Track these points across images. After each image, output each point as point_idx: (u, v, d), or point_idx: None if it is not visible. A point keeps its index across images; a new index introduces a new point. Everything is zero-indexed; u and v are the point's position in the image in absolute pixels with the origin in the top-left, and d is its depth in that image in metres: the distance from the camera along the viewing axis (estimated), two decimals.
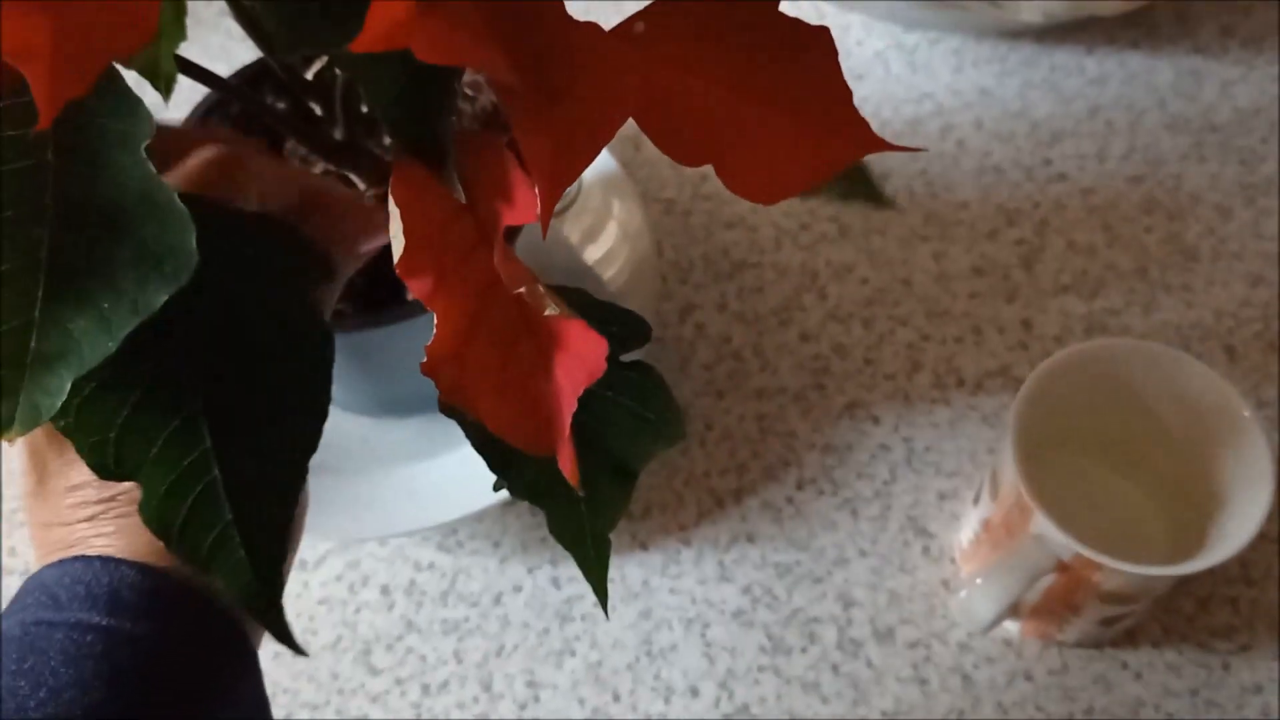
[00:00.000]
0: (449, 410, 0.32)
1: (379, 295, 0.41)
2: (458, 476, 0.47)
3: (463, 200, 0.27)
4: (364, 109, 0.42)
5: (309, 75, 0.38)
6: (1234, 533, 0.39)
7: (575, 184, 0.53)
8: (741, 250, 0.55)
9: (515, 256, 0.28)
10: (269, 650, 0.46)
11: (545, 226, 0.25)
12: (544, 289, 0.26)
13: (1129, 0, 0.52)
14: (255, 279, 0.31)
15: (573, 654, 0.46)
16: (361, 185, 0.42)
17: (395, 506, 0.47)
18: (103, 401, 0.30)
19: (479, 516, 0.49)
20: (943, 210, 0.56)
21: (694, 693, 0.45)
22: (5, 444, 0.26)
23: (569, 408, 0.27)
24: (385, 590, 0.47)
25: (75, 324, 0.26)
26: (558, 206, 0.54)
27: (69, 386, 0.25)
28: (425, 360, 0.27)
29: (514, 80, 0.23)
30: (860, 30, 0.63)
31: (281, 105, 0.43)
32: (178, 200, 0.26)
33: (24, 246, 0.26)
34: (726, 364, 0.52)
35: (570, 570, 0.48)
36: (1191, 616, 0.47)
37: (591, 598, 0.47)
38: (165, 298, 0.26)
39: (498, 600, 0.47)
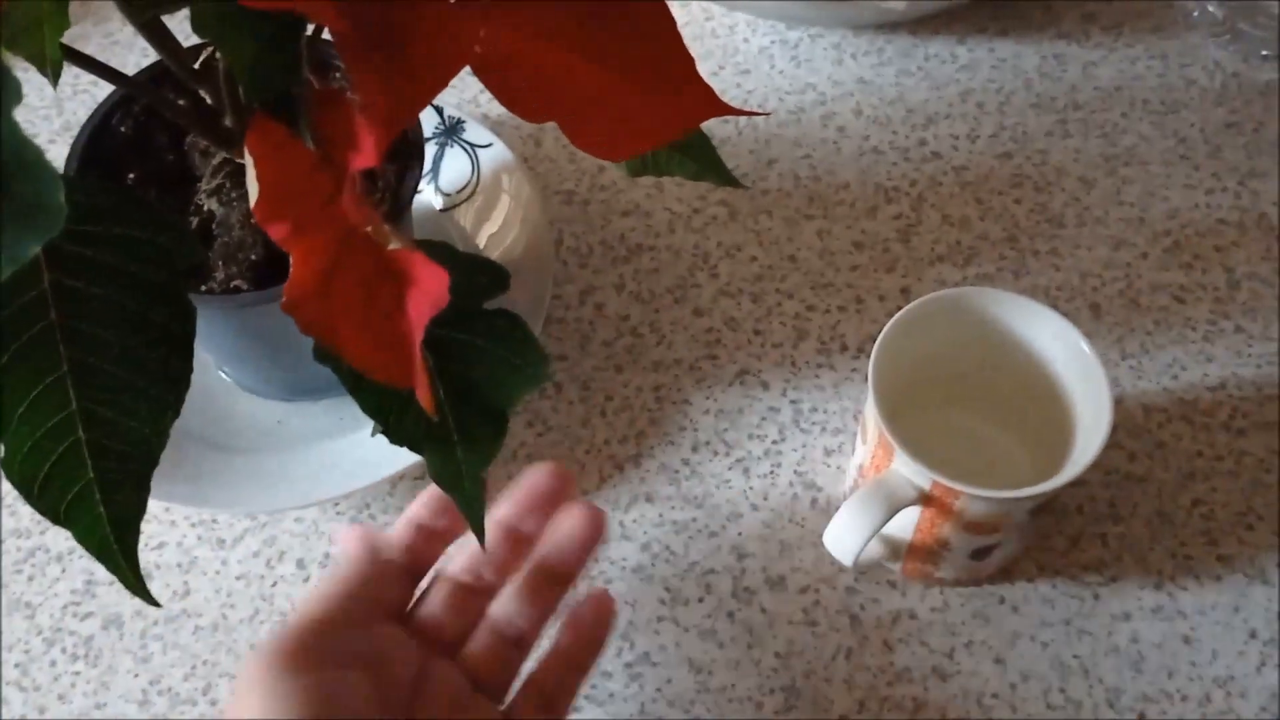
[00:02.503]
0: (322, 357, 0.34)
1: (276, 273, 0.44)
2: (367, 451, 0.50)
3: (313, 151, 0.29)
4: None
5: (196, 65, 0.41)
6: (1076, 460, 0.42)
7: (473, 174, 0.56)
8: (637, 235, 0.58)
9: (365, 201, 0.30)
10: (190, 624, 0.48)
11: (379, 158, 0.28)
12: (389, 229, 0.29)
13: None
14: (127, 253, 0.33)
15: None
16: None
17: (308, 481, 0.49)
18: None
19: (390, 489, 0.51)
20: (825, 191, 0.60)
21: None
22: None
23: (418, 336, 0.30)
24: (301, 564, 0.50)
25: None
26: (458, 195, 0.57)
27: None
28: (284, 300, 0.29)
29: (345, 28, 0.26)
30: (746, 29, 0.66)
31: (182, 102, 0.46)
32: (46, 159, 0.29)
33: None
34: (625, 340, 0.55)
35: None
36: (1064, 553, 0.50)
37: None
38: (37, 248, 0.28)
39: None
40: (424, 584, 0.40)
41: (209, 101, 0.42)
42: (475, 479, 0.36)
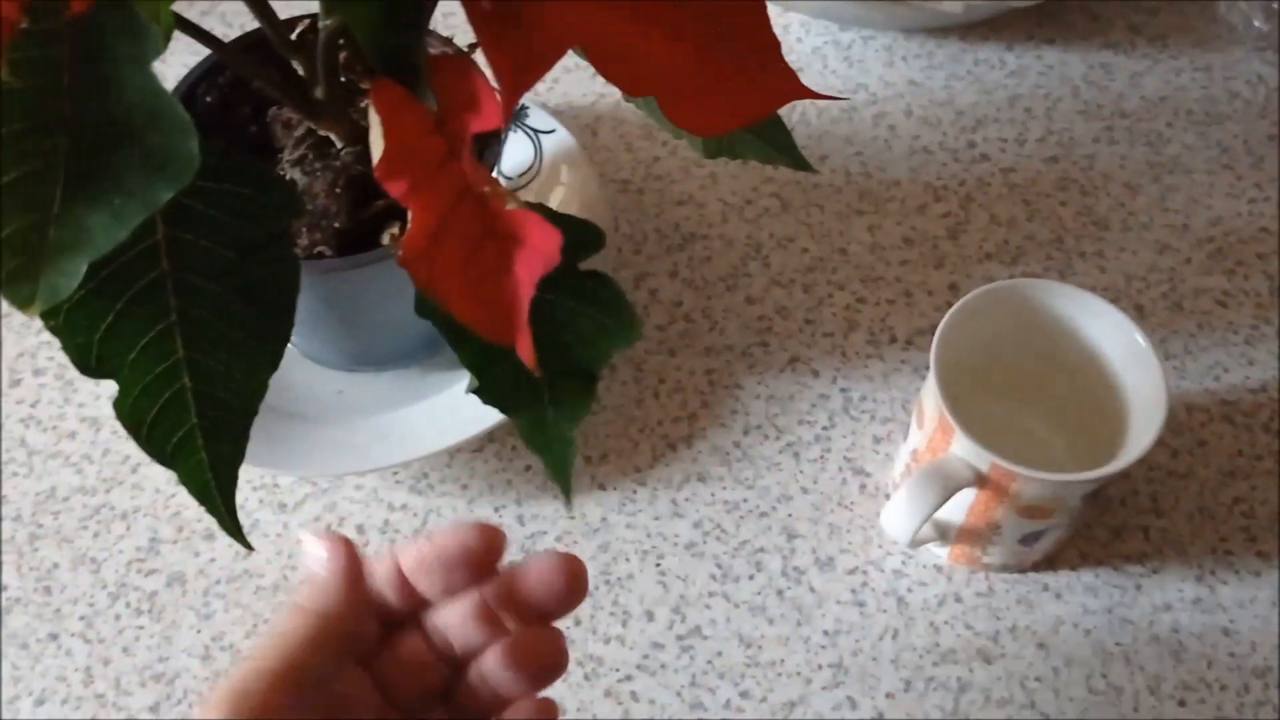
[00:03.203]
0: (424, 312, 0.36)
1: (357, 242, 0.45)
2: (428, 422, 0.51)
3: (435, 113, 0.31)
4: (341, 78, 0.46)
5: (293, 37, 0.42)
6: (1133, 446, 0.43)
7: (535, 159, 0.58)
8: (691, 224, 0.60)
9: (480, 163, 0.32)
10: (252, 584, 0.49)
11: (506, 120, 0.29)
12: (505, 188, 0.30)
13: None
14: (234, 208, 0.35)
15: None
16: (339, 143, 0.46)
17: (369, 448, 0.50)
18: (90, 306, 0.33)
19: (448, 460, 0.52)
20: (876, 188, 0.61)
21: (649, 616, 0.49)
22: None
23: (526, 294, 0.31)
24: (361, 529, 0.51)
25: (90, 219, 0.30)
26: (519, 179, 0.58)
27: (84, 270, 0.29)
28: (401, 254, 0.30)
29: (488, 3, 0.28)
30: (799, 29, 0.68)
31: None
32: (182, 110, 0.30)
33: (44, 152, 0.30)
34: (678, 325, 0.56)
35: (534, 508, 0.51)
36: (1106, 543, 0.51)
37: (554, 531, 0.51)
38: (170, 195, 0.30)
39: None
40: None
41: (300, 73, 0.43)
42: (564, 439, 0.37)
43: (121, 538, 0.50)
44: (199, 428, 0.34)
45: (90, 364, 0.32)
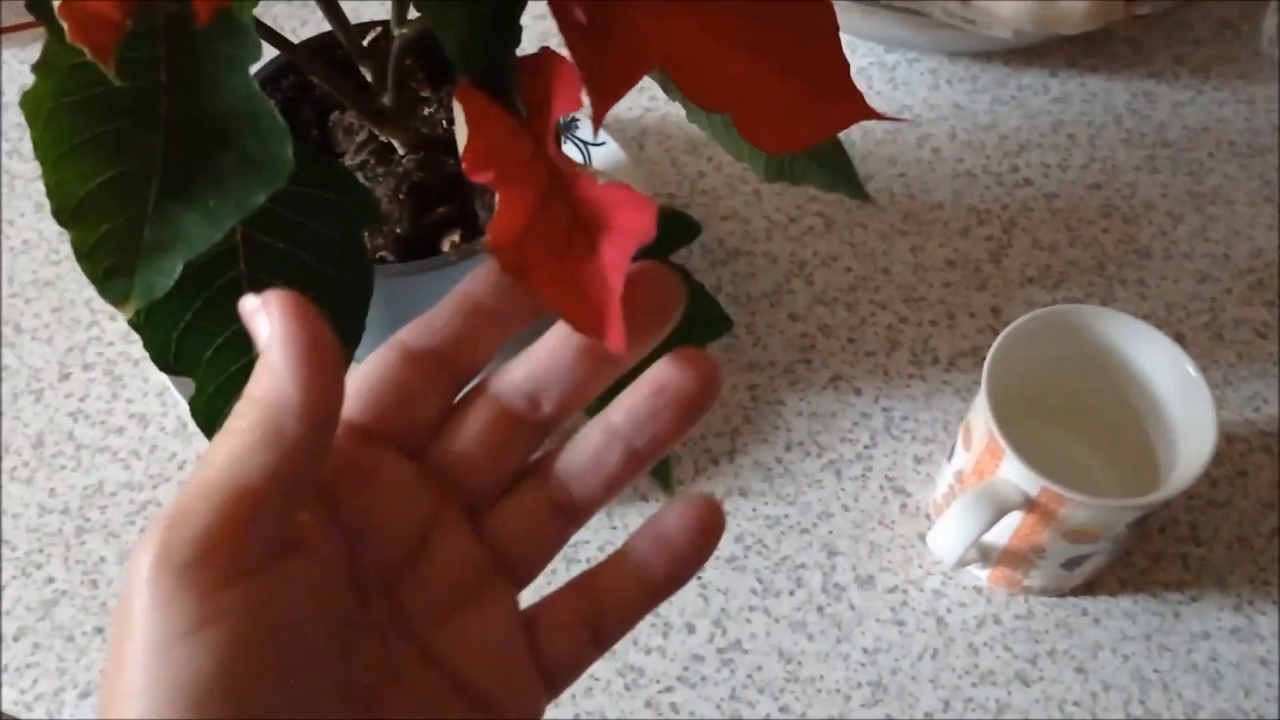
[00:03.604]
0: None
1: (417, 247, 0.45)
2: None
3: (523, 114, 0.31)
4: (422, 92, 0.47)
5: (365, 44, 0.43)
6: (1183, 473, 0.44)
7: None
8: (736, 240, 0.60)
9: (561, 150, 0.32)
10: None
11: (596, 128, 0.30)
12: (593, 170, 0.31)
13: (1091, 20, 0.58)
14: (313, 211, 0.35)
15: None
16: (401, 150, 0.46)
17: None
18: (170, 305, 0.34)
19: None
20: (919, 209, 0.62)
21: (690, 629, 0.49)
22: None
23: (619, 276, 0.31)
24: None
25: (185, 218, 0.30)
26: None
27: (180, 269, 0.30)
28: (488, 239, 0.31)
29: (579, 11, 0.28)
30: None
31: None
32: (278, 115, 0.30)
33: (140, 152, 0.30)
34: (722, 340, 0.57)
35: None
36: (1145, 570, 0.51)
37: (596, 542, 0.51)
38: (264, 198, 0.30)
39: None
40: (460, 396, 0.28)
41: (368, 79, 0.44)
42: None
43: None
44: None
45: (169, 361, 0.33)
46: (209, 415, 0.34)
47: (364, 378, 0.27)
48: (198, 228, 0.30)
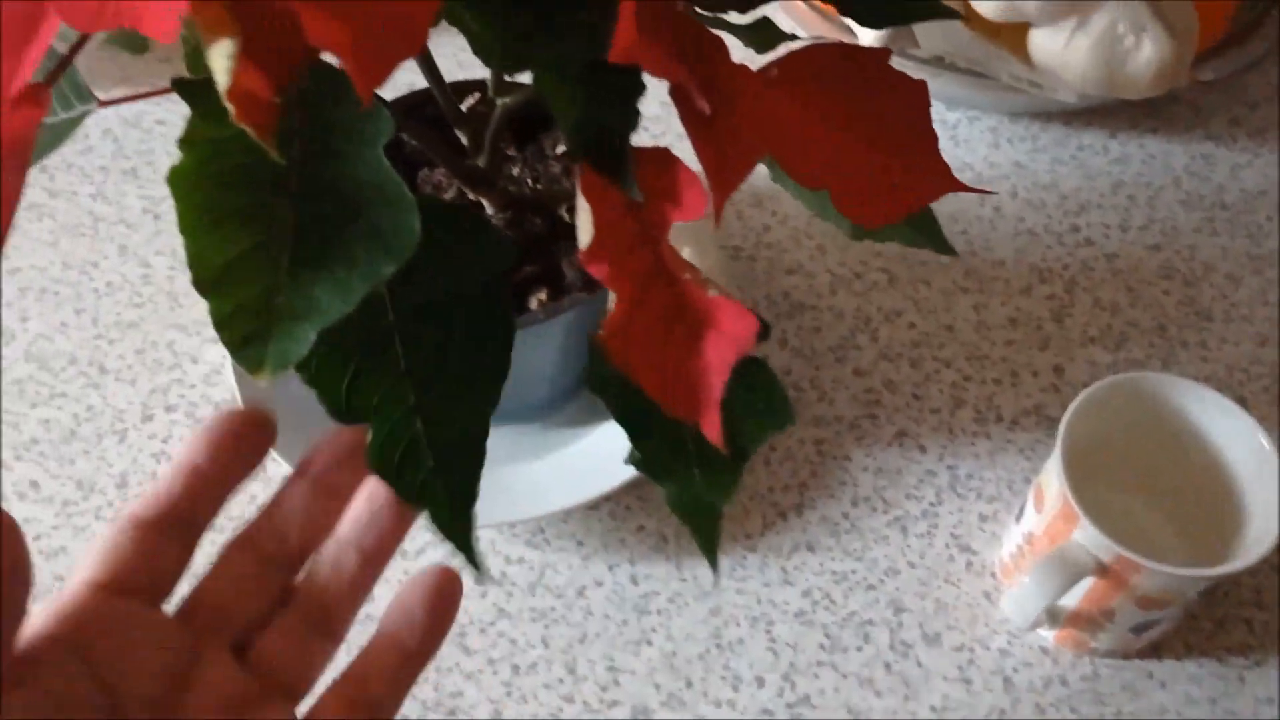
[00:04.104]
0: (596, 387, 0.37)
1: None
2: (550, 479, 0.52)
3: (638, 199, 0.32)
4: (508, 151, 0.48)
5: (463, 108, 0.44)
6: (1256, 543, 0.44)
7: None
8: (800, 293, 0.61)
9: (675, 249, 0.33)
10: (373, 629, 0.50)
11: (718, 219, 0.31)
12: (703, 275, 0.32)
13: (1157, 86, 0.59)
14: (453, 263, 0.36)
15: (649, 643, 0.50)
16: (490, 210, 0.48)
17: (490, 501, 0.51)
18: (334, 359, 0.35)
19: (564, 517, 0.54)
20: (981, 267, 0.63)
21: (760, 683, 0.50)
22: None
23: (720, 379, 0.32)
24: (478, 581, 0.52)
25: (316, 287, 0.31)
26: None
27: (313, 338, 0.31)
28: (602, 331, 0.32)
29: (703, 102, 0.29)
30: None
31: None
32: (405, 188, 0.31)
33: (274, 223, 0.32)
34: (789, 394, 0.58)
35: (647, 568, 0.52)
36: (1210, 634, 0.51)
37: (667, 593, 0.52)
38: (393, 270, 0.31)
39: (581, 593, 0.52)
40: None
41: (460, 138, 0.45)
42: (712, 510, 0.38)
43: None
44: (437, 469, 0.35)
45: (342, 410, 0.33)
46: (383, 462, 0.34)
47: (102, 546, 0.30)
48: (329, 298, 0.31)
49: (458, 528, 0.34)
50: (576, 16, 0.30)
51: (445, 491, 0.34)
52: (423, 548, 0.53)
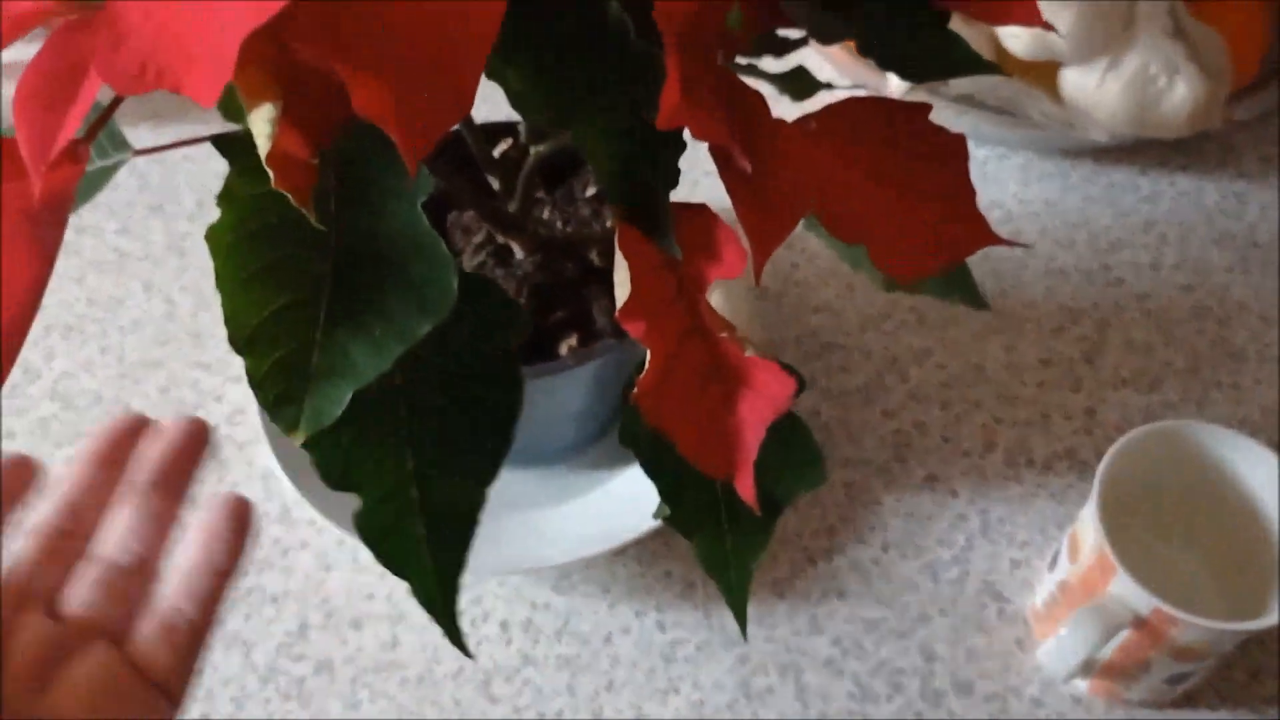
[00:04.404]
0: (628, 441, 0.37)
1: (532, 348, 0.46)
2: (576, 524, 0.52)
3: (678, 257, 0.32)
4: (538, 194, 0.48)
5: (496, 154, 0.44)
6: None
7: None
8: (828, 333, 0.61)
9: (713, 307, 0.33)
10: (398, 675, 0.50)
11: (759, 278, 0.30)
12: (741, 334, 0.32)
13: (1190, 127, 0.58)
14: (465, 326, 0.36)
15: (677, 692, 0.50)
16: (520, 253, 0.47)
17: (516, 547, 0.51)
18: (337, 423, 0.34)
19: (590, 563, 0.53)
20: (1012, 307, 0.62)
21: None
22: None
23: (756, 439, 0.32)
24: (504, 626, 0.51)
25: (352, 346, 0.31)
26: None
27: (348, 398, 0.30)
28: (636, 391, 0.31)
29: (745, 161, 0.29)
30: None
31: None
32: (443, 245, 0.31)
33: (310, 280, 0.31)
34: (816, 435, 0.57)
35: (674, 615, 0.52)
36: (1244, 685, 0.50)
37: (695, 640, 0.51)
38: (429, 328, 0.31)
39: (607, 640, 0.51)
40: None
41: (495, 186, 0.45)
42: (742, 568, 0.38)
43: (272, 621, 0.51)
44: (426, 539, 0.35)
45: (335, 478, 0.33)
46: (372, 530, 0.34)
47: None
48: (365, 356, 0.31)
49: (442, 601, 0.33)
50: (620, 76, 0.29)
51: (432, 561, 0.33)
52: None
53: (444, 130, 0.26)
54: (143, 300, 0.61)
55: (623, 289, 0.31)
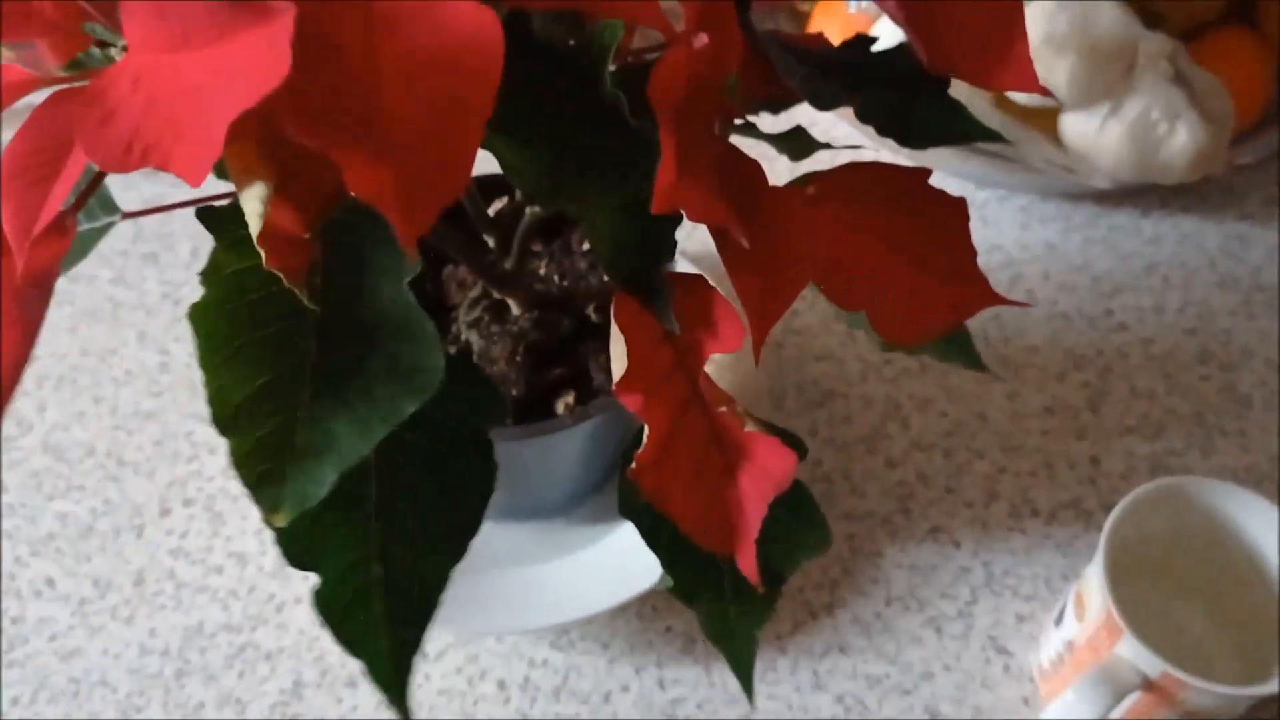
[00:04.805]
0: (627, 512, 0.36)
1: (528, 405, 0.45)
2: (571, 581, 0.51)
3: (677, 332, 0.31)
4: (534, 248, 0.47)
5: (491, 212, 0.44)
6: None
7: None
8: (830, 381, 0.60)
9: (712, 380, 0.32)
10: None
11: (758, 356, 0.30)
12: (743, 409, 0.31)
13: (1194, 173, 0.58)
14: (443, 405, 0.35)
15: None
16: (516, 310, 0.47)
17: (513, 605, 0.50)
18: None
19: (589, 619, 0.52)
20: (1015, 354, 0.61)
21: None
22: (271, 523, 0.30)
23: (757, 515, 0.31)
24: (502, 685, 0.51)
25: (335, 424, 0.30)
26: None
27: (333, 480, 0.30)
28: (634, 466, 0.31)
29: (743, 237, 0.28)
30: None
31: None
32: (430, 325, 0.31)
33: (293, 355, 0.31)
34: (819, 486, 0.56)
35: (675, 673, 0.51)
36: None
37: (695, 698, 0.50)
38: (414, 408, 0.30)
39: (607, 698, 0.50)
40: None
41: (489, 244, 0.44)
42: (747, 636, 0.37)
43: (266, 679, 0.50)
44: (385, 615, 0.34)
45: (298, 556, 0.32)
46: (330, 607, 0.33)
47: None
48: (348, 436, 0.30)
49: (396, 681, 0.32)
50: (615, 153, 0.29)
51: (389, 641, 0.33)
52: (443, 650, 0.52)
53: (441, 206, 0.26)
54: (137, 350, 0.61)
55: (619, 362, 0.31)
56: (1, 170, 0.30)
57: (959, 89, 0.38)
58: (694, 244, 0.65)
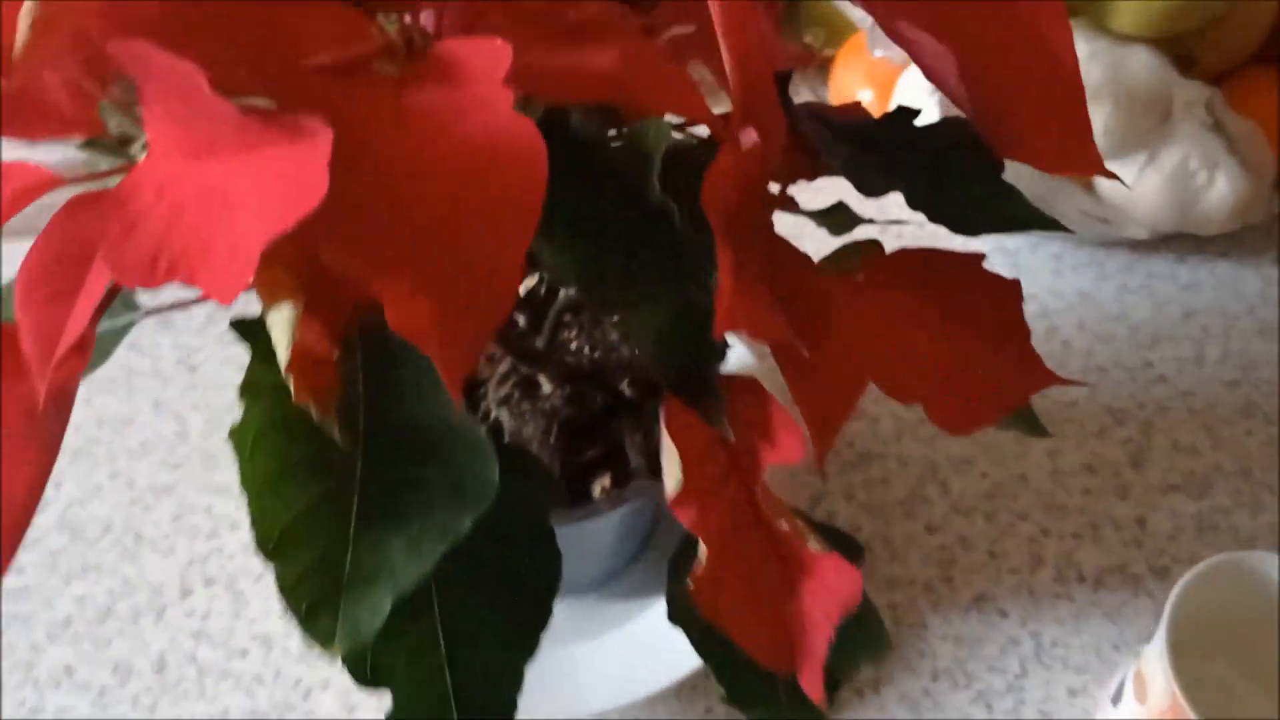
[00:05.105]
0: (678, 620, 0.34)
1: (569, 491, 0.44)
2: (606, 665, 0.49)
3: (731, 438, 0.30)
4: (564, 318, 0.46)
5: (522, 291, 0.42)
6: None
7: None
8: (865, 441, 0.58)
9: (770, 491, 0.30)
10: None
11: (823, 466, 0.28)
12: (805, 526, 0.29)
13: (1233, 223, 0.56)
14: (501, 505, 0.34)
15: None
16: (547, 387, 0.45)
17: (549, 692, 0.48)
18: None
19: (627, 707, 0.50)
20: (1052, 408, 0.60)
21: None
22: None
23: (824, 638, 0.30)
24: None
25: (389, 545, 0.29)
26: None
27: (389, 606, 0.28)
28: (692, 586, 0.29)
29: (798, 345, 0.27)
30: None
31: None
32: (482, 432, 0.29)
33: (340, 470, 0.29)
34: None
35: None
36: None
37: None
38: (470, 522, 0.29)
39: None
40: None
41: (519, 323, 0.43)
42: None
43: None
44: None
45: (366, 675, 0.31)
46: None
47: None
48: (403, 557, 0.28)
49: None
50: (663, 261, 0.27)
51: None
52: None
53: (486, 339, 0.24)
54: (152, 419, 0.59)
55: (672, 476, 0.29)
56: (19, 282, 0.29)
57: None
58: None
